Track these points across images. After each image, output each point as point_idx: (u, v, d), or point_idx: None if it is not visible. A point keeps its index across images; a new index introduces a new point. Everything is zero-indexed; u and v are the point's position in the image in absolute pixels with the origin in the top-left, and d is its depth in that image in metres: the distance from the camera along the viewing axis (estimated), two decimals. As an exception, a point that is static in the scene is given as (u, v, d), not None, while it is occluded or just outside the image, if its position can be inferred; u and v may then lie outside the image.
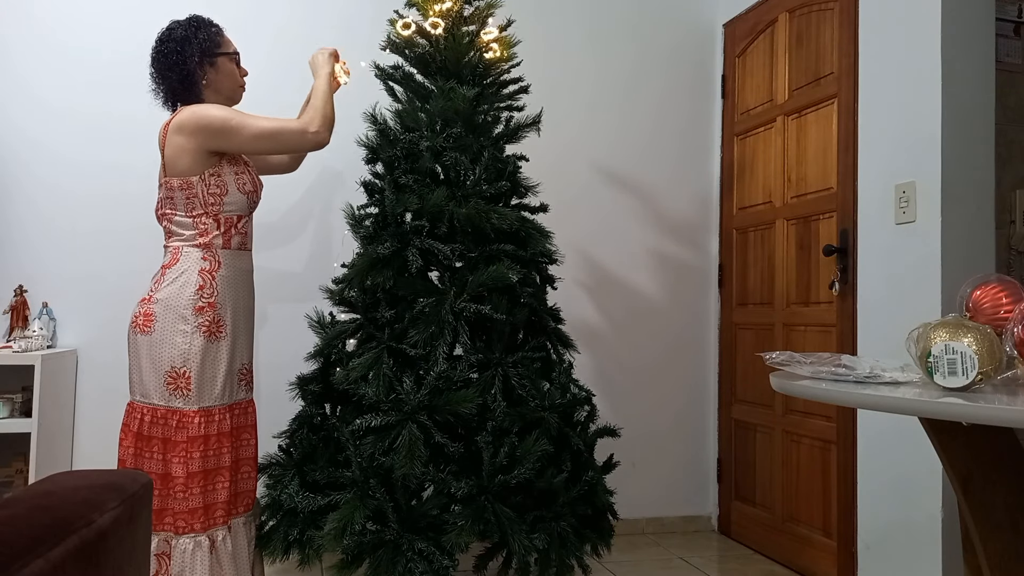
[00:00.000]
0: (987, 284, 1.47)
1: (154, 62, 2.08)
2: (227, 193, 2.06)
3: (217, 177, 2.04)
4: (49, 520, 0.68)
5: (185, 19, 2.11)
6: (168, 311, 1.98)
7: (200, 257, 2.03)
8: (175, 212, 2.04)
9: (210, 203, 2.03)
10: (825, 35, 2.93)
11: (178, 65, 2.04)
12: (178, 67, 2.04)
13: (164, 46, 2.06)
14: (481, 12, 2.60)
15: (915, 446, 2.38)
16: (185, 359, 1.98)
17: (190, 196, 2.02)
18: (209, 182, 2.02)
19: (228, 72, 2.14)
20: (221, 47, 2.13)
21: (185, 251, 2.03)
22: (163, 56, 2.06)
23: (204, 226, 2.03)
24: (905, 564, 2.46)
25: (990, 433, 1.39)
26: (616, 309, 3.55)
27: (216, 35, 2.12)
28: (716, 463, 3.59)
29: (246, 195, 2.11)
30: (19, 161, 3.02)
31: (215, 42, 2.11)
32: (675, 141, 3.64)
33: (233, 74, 2.16)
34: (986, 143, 2.42)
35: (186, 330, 1.98)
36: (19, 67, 3.02)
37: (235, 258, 2.10)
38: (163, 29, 2.09)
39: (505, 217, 2.39)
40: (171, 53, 2.04)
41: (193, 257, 2.03)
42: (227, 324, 2.05)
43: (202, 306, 2.00)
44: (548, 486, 2.27)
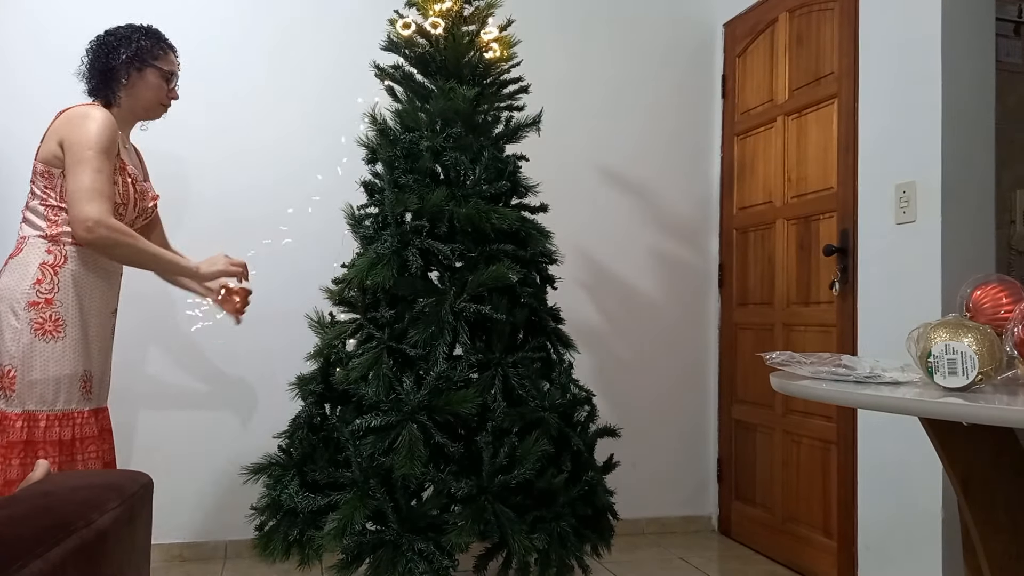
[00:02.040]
0: (987, 284, 1.47)
1: (88, 52, 2.05)
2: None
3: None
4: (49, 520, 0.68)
5: (143, 25, 2.08)
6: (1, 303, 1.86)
7: (44, 250, 1.90)
8: (32, 198, 1.96)
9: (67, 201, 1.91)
10: (825, 35, 2.93)
11: (105, 58, 2.01)
12: (104, 60, 2.01)
13: (105, 37, 2.04)
14: (481, 12, 2.60)
15: (915, 446, 2.38)
16: (11, 356, 1.84)
17: (48, 186, 1.94)
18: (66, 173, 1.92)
19: (153, 85, 2.07)
20: (157, 60, 2.07)
21: (31, 242, 1.92)
22: (99, 46, 2.03)
23: (55, 218, 1.93)
24: (905, 564, 2.46)
25: (990, 433, 1.39)
26: (616, 309, 3.54)
27: (158, 49, 2.07)
28: (716, 463, 3.59)
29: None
30: (19, 161, 3.02)
31: (154, 53, 2.06)
32: (675, 141, 3.64)
33: (158, 88, 2.09)
34: (986, 143, 2.42)
35: (15, 325, 1.84)
36: (13, 70, 3.02)
37: (92, 257, 1.95)
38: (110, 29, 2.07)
39: (505, 217, 2.39)
40: (106, 45, 2.02)
41: (37, 249, 1.90)
42: (68, 325, 1.89)
43: (36, 301, 1.86)
44: (548, 486, 2.27)
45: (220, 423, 3.12)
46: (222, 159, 3.18)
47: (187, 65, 3.16)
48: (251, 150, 3.21)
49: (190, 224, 3.14)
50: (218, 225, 3.16)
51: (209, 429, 3.10)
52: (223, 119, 3.19)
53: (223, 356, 3.15)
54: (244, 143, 3.20)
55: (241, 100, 3.20)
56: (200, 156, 3.16)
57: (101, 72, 2.01)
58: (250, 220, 3.19)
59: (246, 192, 3.19)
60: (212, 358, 3.15)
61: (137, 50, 2.02)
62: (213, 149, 3.17)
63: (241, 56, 3.21)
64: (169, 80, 2.11)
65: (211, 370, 3.14)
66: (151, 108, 2.12)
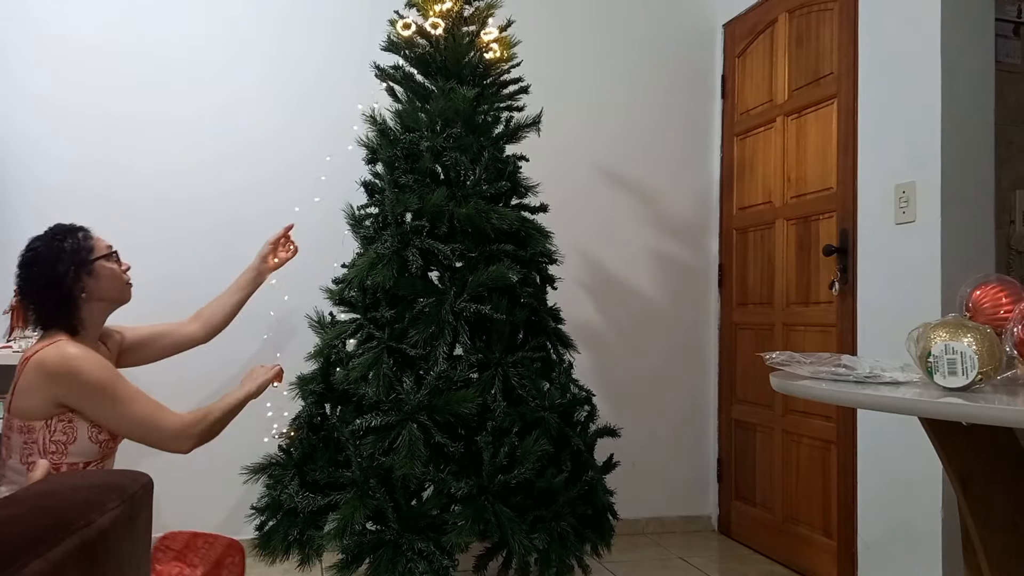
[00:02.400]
0: (987, 284, 1.47)
1: (22, 290, 1.76)
2: (75, 442, 1.71)
3: (67, 423, 1.70)
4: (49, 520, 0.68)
5: (45, 233, 1.80)
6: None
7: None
8: (9, 454, 1.71)
9: (51, 451, 1.69)
10: (825, 35, 2.93)
11: (51, 287, 1.73)
12: (50, 290, 1.73)
13: (30, 271, 1.75)
14: (481, 12, 2.60)
15: (915, 446, 2.38)
16: None
17: (28, 442, 1.68)
18: (55, 428, 1.69)
19: (109, 276, 1.83)
20: (94, 251, 1.81)
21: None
22: (31, 282, 1.75)
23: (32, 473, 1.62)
24: (905, 564, 2.46)
25: (990, 433, 1.39)
26: (616, 309, 3.54)
27: (84, 239, 1.81)
28: (716, 463, 3.59)
29: (99, 444, 1.75)
30: (19, 161, 3.02)
31: (86, 247, 1.79)
32: (675, 141, 3.64)
33: (114, 274, 1.85)
34: (986, 143, 2.42)
35: None
36: (16, 65, 3.02)
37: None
38: (24, 251, 1.78)
39: (505, 217, 2.39)
40: (39, 277, 1.74)
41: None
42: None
43: None
44: (548, 486, 2.27)
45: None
46: (221, 158, 3.17)
47: (186, 65, 3.18)
48: (250, 150, 3.21)
49: (190, 225, 3.14)
50: (217, 225, 3.16)
51: (209, 429, 3.10)
52: (222, 118, 3.19)
53: (223, 356, 3.15)
54: (243, 143, 3.20)
55: (240, 99, 3.20)
56: (200, 155, 3.16)
57: (57, 305, 1.75)
58: (250, 220, 3.19)
59: (246, 192, 3.19)
60: (212, 358, 3.15)
61: (72, 257, 1.76)
62: (212, 149, 3.17)
63: (240, 55, 3.21)
64: (116, 259, 1.88)
65: (211, 370, 3.14)
66: (120, 294, 1.89)
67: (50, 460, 1.67)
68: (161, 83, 3.14)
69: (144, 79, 3.13)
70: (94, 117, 3.07)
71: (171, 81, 3.15)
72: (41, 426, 1.69)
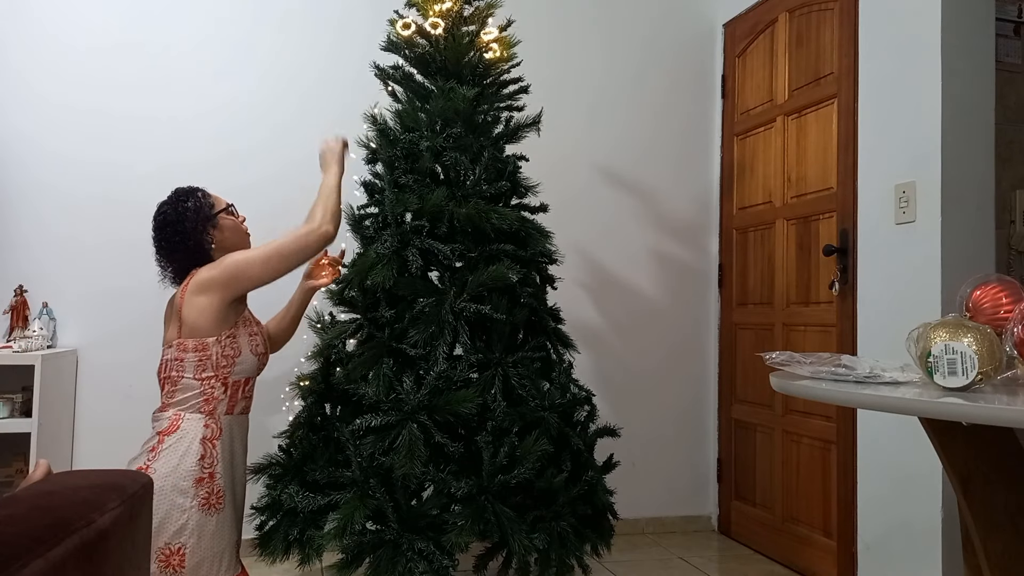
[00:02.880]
0: (987, 284, 1.47)
1: (160, 249, 1.99)
2: (240, 355, 1.94)
3: (232, 339, 1.93)
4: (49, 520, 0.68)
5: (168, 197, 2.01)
6: (165, 483, 1.83)
7: (202, 424, 1.89)
8: (182, 375, 1.90)
9: (222, 365, 1.91)
10: (825, 35, 2.93)
11: (183, 244, 1.96)
12: (184, 245, 1.96)
13: (164, 232, 1.97)
14: (481, 12, 2.60)
15: (915, 446, 2.38)
16: (180, 534, 1.82)
17: (203, 358, 1.90)
18: (224, 343, 1.91)
19: (231, 227, 2.04)
20: (215, 206, 2.03)
21: (187, 417, 1.89)
22: (166, 240, 1.97)
23: (212, 390, 1.91)
24: (905, 564, 2.46)
25: (990, 433, 1.39)
26: (616, 309, 3.55)
27: (204, 197, 2.03)
28: (716, 463, 3.59)
29: (257, 357, 1.99)
30: (18, 161, 3.02)
31: (208, 203, 2.01)
32: (675, 141, 3.64)
33: (236, 225, 2.06)
34: (986, 143, 2.42)
35: (184, 504, 1.83)
36: (16, 65, 3.02)
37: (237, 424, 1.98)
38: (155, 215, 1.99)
39: (505, 217, 2.39)
40: (173, 235, 1.96)
41: (195, 424, 1.89)
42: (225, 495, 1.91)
43: (202, 477, 1.86)
44: (548, 486, 2.27)
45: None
46: (221, 157, 3.17)
47: (186, 64, 3.17)
48: (250, 149, 3.21)
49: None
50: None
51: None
52: (222, 117, 3.19)
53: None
54: (243, 142, 3.20)
55: (240, 99, 3.21)
56: (200, 155, 3.16)
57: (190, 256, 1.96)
58: (250, 219, 3.19)
59: (245, 191, 3.19)
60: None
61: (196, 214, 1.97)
62: (210, 150, 3.17)
63: (239, 55, 3.21)
64: (234, 212, 2.08)
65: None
66: (242, 242, 2.07)
67: (221, 374, 1.92)
68: (161, 82, 3.14)
69: (144, 78, 3.13)
70: (93, 115, 3.07)
71: (171, 80, 3.15)
72: (214, 342, 1.90)
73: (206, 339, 1.90)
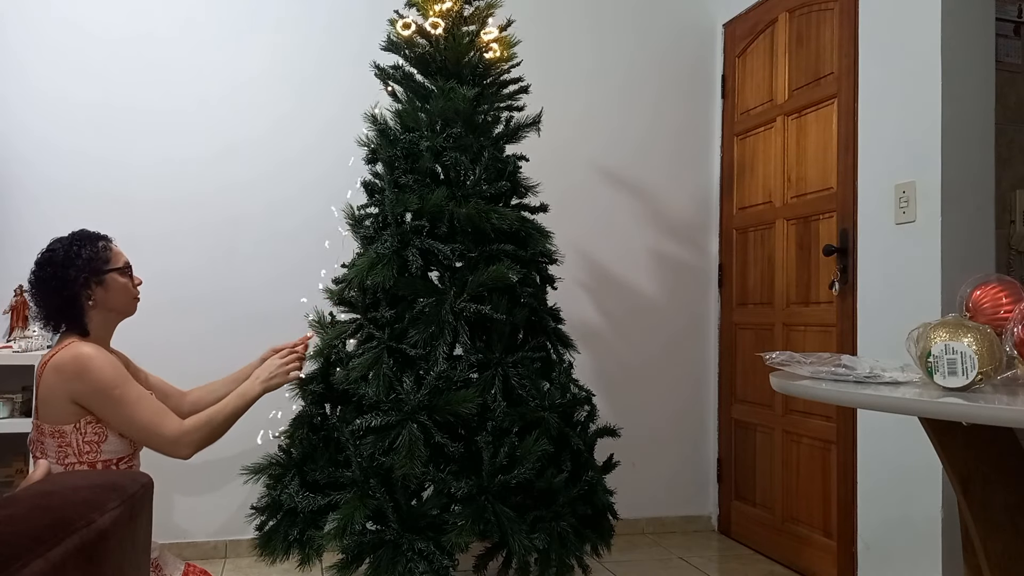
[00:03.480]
0: (987, 284, 1.47)
1: (32, 285, 1.84)
2: (106, 440, 1.77)
3: (95, 423, 1.76)
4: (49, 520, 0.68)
5: (67, 236, 1.87)
6: None
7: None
8: (45, 456, 1.76)
9: (85, 451, 1.75)
10: (825, 35, 2.93)
11: (59, 290, 1.80)
12: (59, 292, 1.80)
13: (43, 271, 1.82)
14: (481, 12, 2.60)
15: (915, 446, 2.38)
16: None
17: (62, 444, 1.74)
18: (85, 431, 1.75)
19: (119, 288, 1.88)
20: (110, 262, 1.87)
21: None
22: (42, 282, 1.81)
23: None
24: (905, 564, 2.46)
25: (990, 433, 1.39)
26: (616, 309, 3.54)
27: (104, 249, 1.87)
28: (716, 463, 3.59)
29: (129, 440, 1.81)
30: (19, 158, 3.02)
31: (103, 258, 1.86)
32: (675, 141, 3.64)
33: (125, 288, 1.90)
34: (986, 143, 2.42)
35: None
36: (15, 58, 3.02)
37: None
38: (43, 250, 1.85)
39: (505, 217, 2.39)
40: (51, 279, 1.80)
41: None
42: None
43: None
44: (548, 486, 2.27)
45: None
46: (217, 156, 3.18)
47: (183, 63, 3.18)
48: (248, 148, 3.21)
49: (189, 223, 3.14)
50: (217, 223, 3.16)
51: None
52: (221, 112, 3.19)
53: (223, 356, 3.15)
54: (241, 142, 3.20)
55: (239, 95, 3.21)
56: (198, 154, 3.16)
57: (62, 305, 1.81)
58: (249, 218, 3.19)
59: (245, 187, 3.20)
60: (212, 357, 3.15)
61: (86, 265, 1.82)
62: (208, 148, 3.18)
63: (239, 51, 3.21)
64: (129, 273, 1.93)
65: (211, 369, 3.14)
66: (127, 307, 1.93)
67: (86, 460, 1.74)
68: (161, 77, 3.14)
69: (147, 70, 3.13)
70: (94, 108, 3.07)
71: (171, 72, 3.15)
72: (71, 429, 1.74)
73: (62, 426, 1.74)
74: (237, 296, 3.16)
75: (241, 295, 3.16)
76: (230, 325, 3.16)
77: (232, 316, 3.15)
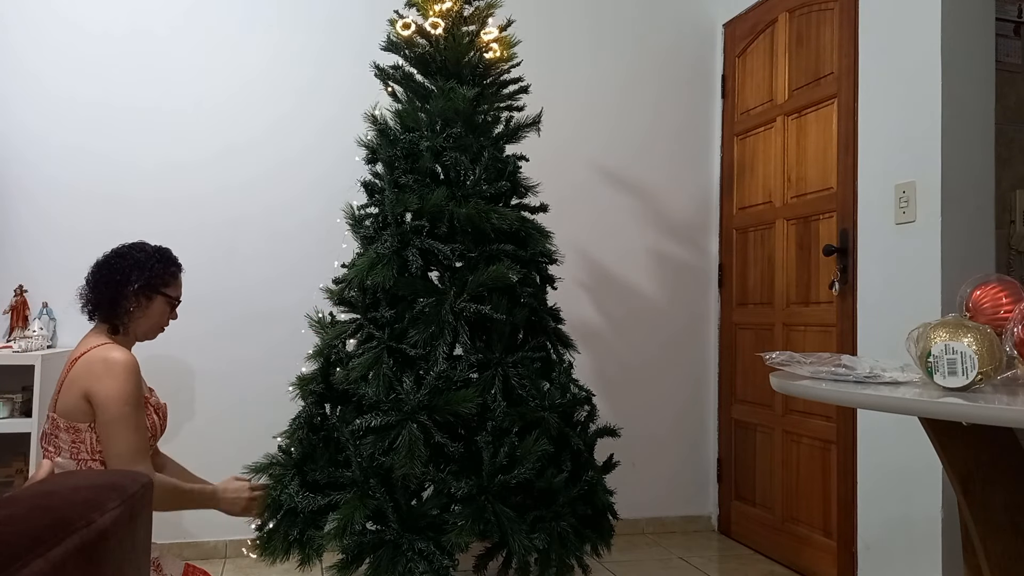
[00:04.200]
0: (987, 284, 1.47)
1: (94, 271, 1.89)
2: None
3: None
4: (49, 520, 0.68)
5: (152, 247, 1.94)
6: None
7: None
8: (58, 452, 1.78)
9: (98, 450, 1.77)
10: (825, 35, 2.93)
11: (115, 285, 1.85)
12: (114, 287, 1.85)
13: (114, 261, 1.88)
14: (481, 12, 2.60)
15: (915, 446, 2.38)
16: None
17: (76, 441, 1.76)
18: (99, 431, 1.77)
19: (158, 312, 1.93)
20: (168, 287, 1.94)
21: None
22: (107, 269, 1.87)
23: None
24: (905, 564, 2.46)
25: (990, 433, 1.39)
26: (616, 309, 3.54)
27: (171, 275, 1.94)
28: (716, 463, 3.59)
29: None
30: (19, 158, 3.02)
31: (164, 281, 1.92)
32: (675, 141, 3.64)
33: (163, 316, 1.95)
34: (986, 143, 2.42)
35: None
36: (15, 56, 3.02)
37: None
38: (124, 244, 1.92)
39: (505, 217, 2.39)
40: (116, 271, 1.86)
41: None
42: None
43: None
44: (548, 486, 2.27)
45: (220, 423, 3.12)
46: (217, 156, 3.18)
47: (183, 63, 3.17)
48: (248, 148, 3.21)
49: (189, 223, 3.14)
50: (217, 223, 3.16)
51: (209, 429, 3.10)
52: (221, 113, 3.19)
53: (223, 356, 3.15)
54: (241, 142, 3.20)
55: (239, 95, 3.21)
56: (198, 154, 3.16)
57: (110, 297, 1.86)
58: (249, 218, 3.19)
59: (245, 187, 3.20)
60: (212, 357, 3.15)
61: (150, 277, 1.88)
62: (208, 147, 3.18)
63: (239, 50, 3.21)
64: (174, 307, 1.98)
65: (211, 370, 3.14)
66: (151, 333, 1.97)
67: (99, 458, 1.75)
68: (161, 77, 3.14)
69: (148, 69, 3.12)
70: (95, 107, 3.07)
71: (171, 72, 3.15)
72: (86, 427, 1.74)
73: (78, 424, 1.75)
74: (237, 296, 3.16)
75: (241, 295, 3.16)
76: (230, 325, 3.16)
77: (232, 316, 3.15)
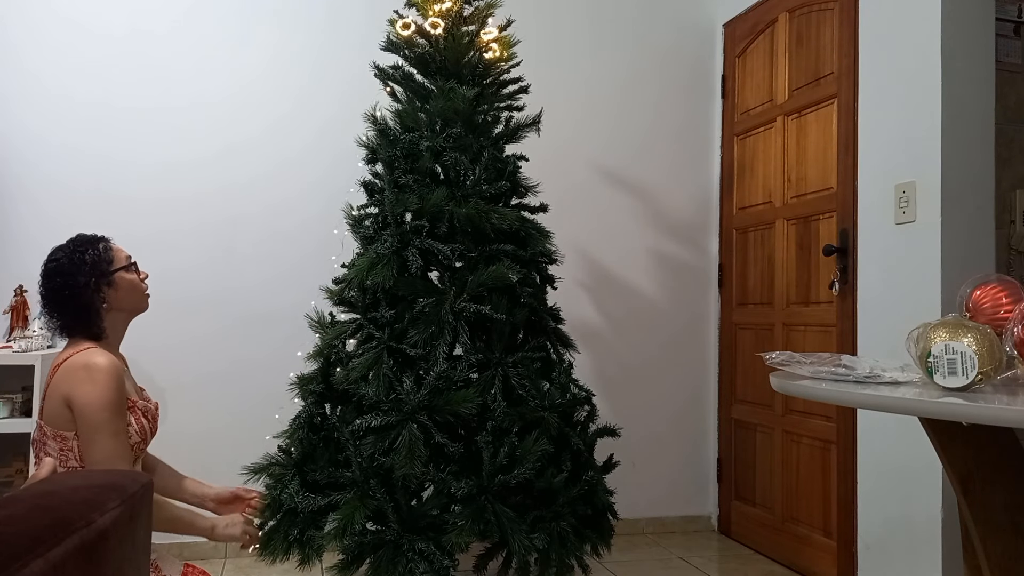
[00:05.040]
0: (987, 284, 1.47)
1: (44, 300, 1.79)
2: None
3: None
4: (49, 520, 0.68)
5: (67, 243, 1.81)
6: None
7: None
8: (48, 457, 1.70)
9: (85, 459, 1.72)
10: (825, 35, 2.93)
11: (73, 298, 1.76)
12: (73, 300, 1.76)
13: (52, 281, 1.77)
14: (481, 12, 2.60)
15: (915, 446, 2.38)
16: None
17: (64, 449, 1.72)
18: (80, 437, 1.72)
19: (128, 285, 1.84)
20: (114, 262, 1.83)
21: None
22: (54, 293, 1.77)
23: None
24: (905, 564, 2.46)
25: (990, 433, 1.39)
26: (616, 309, 3.54)
27: (105, 250, 1.83)
28: (716, 463, 3.59)
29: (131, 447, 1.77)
30: (19, 157, 3.02)
31: (107, 259, 1.81)
32: (675, 141, 3.64)
33: (134, 285, 1.86)
34: (986, 143, 2.42)
35: None
36: (22, 60, 3.02)
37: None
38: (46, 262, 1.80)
39: (505, 217, 2.39)
40: (62, 288, 1.76)
41: None
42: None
43: None
44: (548, 486, 2.27)
45: (220, 423, 3.12)
46: (217, 156, 3.18)
47: (183, 62, 3.17)
48: (248, 148, 3.21)
49: (188, 223, 3.14)
50: (216, 223, 3.16)
51: (209, 429, 3.10)
52: (220, 113, 3.19)
53: (222, 356, 3.15)
54: (241, 142, 3.20)
55: (238, 95, 3.21)
56: (197, 154, 3.16)
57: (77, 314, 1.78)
58: (249, 218, 3.19)
59: (245, 189, 3.20)
60: (211, 358, 3.15)
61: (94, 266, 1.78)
62: (208, 147, 3.18)
63: (239, 50, 3.21)
64: (135, 269, 1.88)
65: (211, 370, 3.14)
66: (138, 303, 1.89)
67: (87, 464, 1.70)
68: (161, 76, 3.14)
69: (147, 69, 3.13)
70: (95, 107, 3.07)
71: (171, 71, 3.15)
72: (72, 436, 1.71)
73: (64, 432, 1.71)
74: (236, 296, 3.16)
75: (240, 295, 3.16)
76: (229, 325, 3.16)
77: (231, 316, 3.15)
